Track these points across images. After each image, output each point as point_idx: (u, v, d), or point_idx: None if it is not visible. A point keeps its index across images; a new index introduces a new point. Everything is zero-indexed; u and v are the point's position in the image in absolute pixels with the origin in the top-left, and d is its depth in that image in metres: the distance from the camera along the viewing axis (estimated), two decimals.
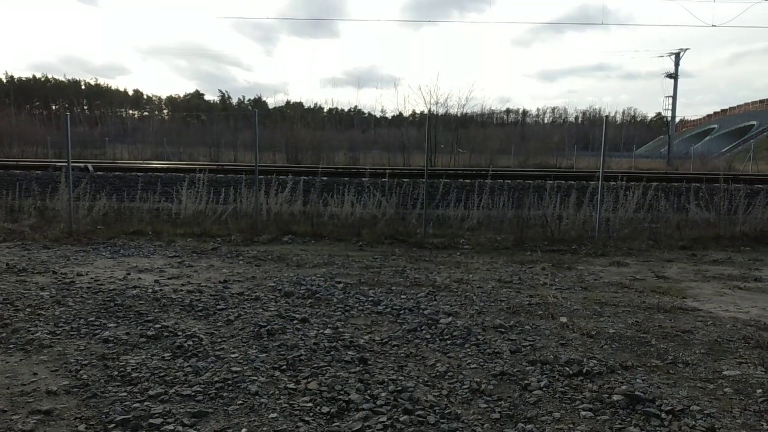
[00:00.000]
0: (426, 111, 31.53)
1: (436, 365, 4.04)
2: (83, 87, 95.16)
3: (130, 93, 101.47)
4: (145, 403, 3.31)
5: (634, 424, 3.19)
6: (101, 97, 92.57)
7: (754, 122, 71.63)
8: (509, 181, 14.91)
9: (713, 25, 27.11)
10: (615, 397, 3.50)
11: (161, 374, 3.75)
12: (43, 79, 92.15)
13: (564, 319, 5.19)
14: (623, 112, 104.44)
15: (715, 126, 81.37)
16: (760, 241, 10.00)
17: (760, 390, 3.69)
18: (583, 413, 3.32)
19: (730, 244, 9.80)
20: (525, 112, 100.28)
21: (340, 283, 6.47)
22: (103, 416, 3.16)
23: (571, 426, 3.15)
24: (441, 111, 36.26)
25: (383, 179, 13.44)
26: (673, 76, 52.89)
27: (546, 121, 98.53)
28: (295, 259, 7.93)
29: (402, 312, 5.35)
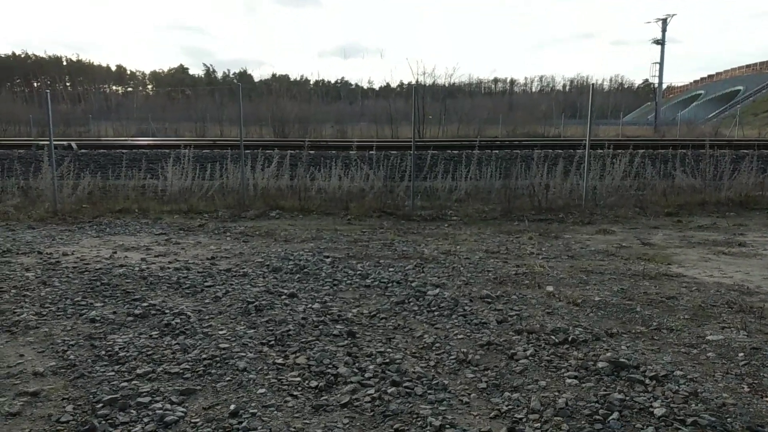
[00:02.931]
0: (413, 82, 31.31)
1: (424, 337, 4.07)
2: (65, 63, 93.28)
3: (113, 69, 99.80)
4: (133, 382, 3.32)
5: (618, 390, 3.23)
6: (83, 73, 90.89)
7: (741, 87, 71.74)
8: (497, 152, 14.88)
9: None
10: (600, 364, 3.54)
11: (149, 353, 3.74)
12: (23, 56, 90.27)
13: (550, 288, 5.23)
14: (611, 80, 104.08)
15: (702, 92, 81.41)
16: (745, 207, 10.10)
17: (742, 354, 3.75)
18: (568, 381, 3.36)
19: (715, 210, 9.89)
20: (513, 81, 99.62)
21: (328, 257, 6.47)
22: (91, 396, 3.16)
23: (556, 393, 3.19)
24: (428, 81, 36.01)
25: (371, 152, 13.36)
26: (660, 42, 52.69)
27: (534, 89, 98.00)
28: (282, 234, 7.91)
29: (390, 285, 5.37)
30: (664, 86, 64.41)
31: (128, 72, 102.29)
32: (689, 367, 3.55)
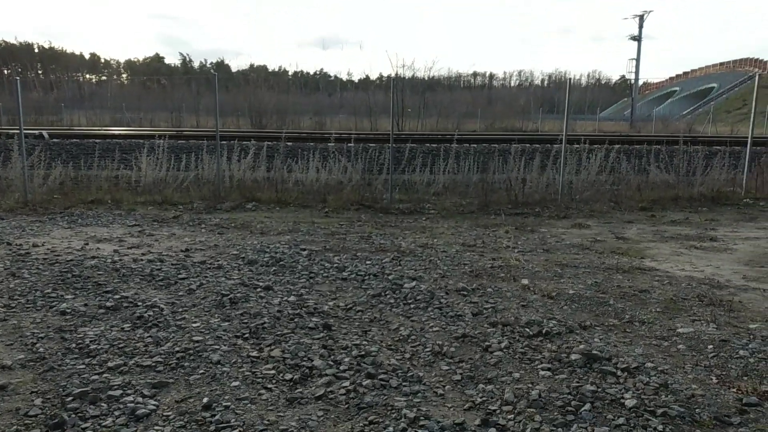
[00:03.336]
0: (392, 74, 31.24)
1: (400, 329, 4.07)
2: (36, 50, 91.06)
3: (87, 57, 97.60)
4: (104, 375, 3.26)
5: (590, 382, 3.27)
6: (56, 61, 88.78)
7: (714, 85, 72.92)
8: (475, 146, 14.93)
9: None
10: (573, 357, 3.58)
11: (120, 345, 3.69)
12: None
13: (525, 281, 5.27)
14: (588, 75, 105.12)
15: (677, 88, 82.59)
16: (717, 202, 10.28)
17: (711, 346, 3.83)
18: (541, 373, 3.39)
19: (688, 205, 10.05)
20: (492, 76, 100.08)
21: (304, 250, 6.44)
22: (61, 389, 3.11)
23: (530, 385, 3.22)
24: (408, 74, 35.93)
25: (349, 144, 13.32)
26: (637, 38, 53.29)
27: (513, 84, 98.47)
28: (259, 226, 7.85)
29: (367, 277, 5.36)
30: (641, 82, 65.30)
31: (102, 60, 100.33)
32: (660, 359, 3.61)
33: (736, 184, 11.28)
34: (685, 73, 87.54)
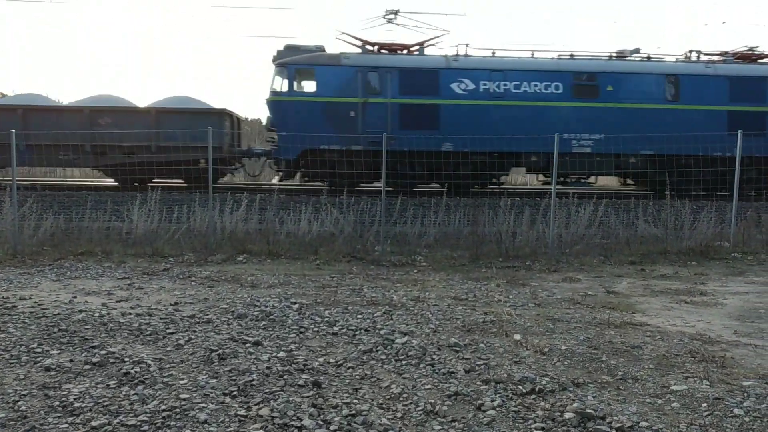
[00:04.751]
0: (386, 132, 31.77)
1: (391, 387, 4.01)
2: None
3: None
4: None
5: None
6: None
7: None
8: (465, 198, 15.06)
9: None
10: (567, 415, 3.53)
11: (105, 403, 3.61)
12: None
13: (518, 337, 5.23)
14: None
15: None
16: (706, 256, 10.34)
17: (705, 404, 3.79)
18: None
19: (677, 259, 10.11)
20: None
21: (295, 303, 6.39)
22: None
23: None
24: None
25: (341, 197, 13.40)
26: None
27: None
28: (249, 279, 7.81)
29: (358, 332, 5.31)
30: None
31: None
32: (654, 418, 3.57)
33: (723, 238, 11.38)
34: None
